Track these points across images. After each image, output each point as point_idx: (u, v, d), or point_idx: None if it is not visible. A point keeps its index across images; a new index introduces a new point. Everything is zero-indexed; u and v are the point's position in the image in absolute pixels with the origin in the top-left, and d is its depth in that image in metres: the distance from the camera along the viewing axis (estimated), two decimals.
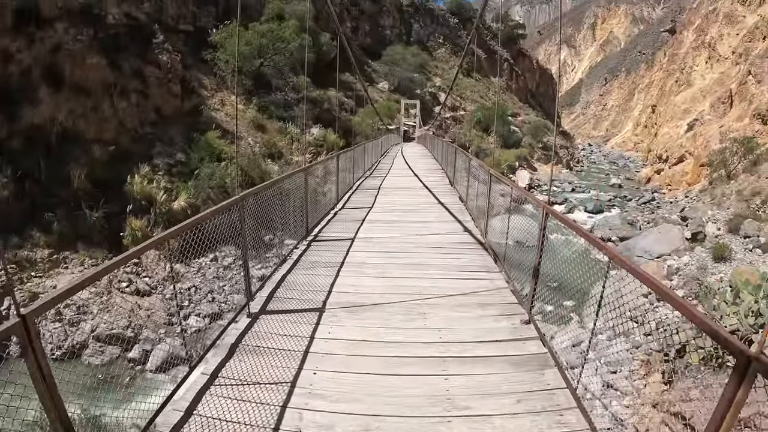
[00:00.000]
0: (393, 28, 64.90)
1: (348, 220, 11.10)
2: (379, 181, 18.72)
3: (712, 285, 14.81)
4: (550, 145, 58.19)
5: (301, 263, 7.81)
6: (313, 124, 31.10)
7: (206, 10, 33.30)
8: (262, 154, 24.56)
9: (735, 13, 59.95)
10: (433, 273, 7.35)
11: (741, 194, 27.65)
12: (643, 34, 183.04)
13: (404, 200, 14.39)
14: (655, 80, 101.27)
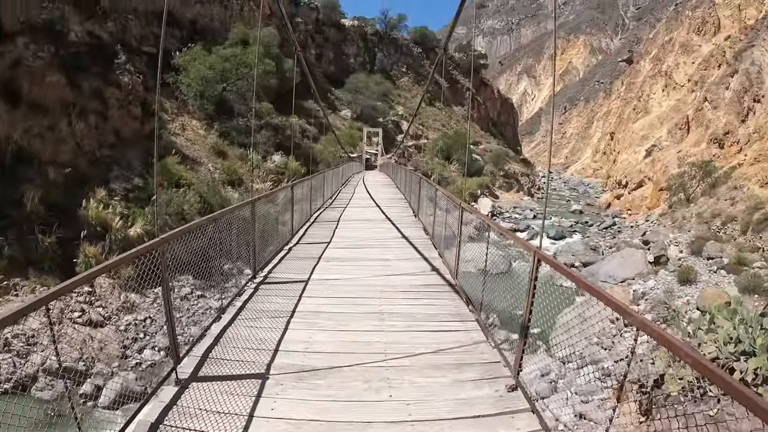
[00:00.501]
0: (357, 56, 65.12)
1: (303, 258, 10.08)
2: (338, 212, 17.70)
3: (679, 308, 14.47)
4: (511, 172, 58.53)
5: (245, 312, 6.75)
6: (274, 151, 30.33)
7: (170, 33, 32.69)
8: (222, 180, 23.65)
9: (691, 42, 61.83)
10: (399, 324, 6.43)
11: (701, 217, 27.84)
12: (602, 64, 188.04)
13: (365, 234, 13.47)
14: (613, 108, 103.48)
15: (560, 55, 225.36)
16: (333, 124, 44.87)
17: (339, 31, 62.74)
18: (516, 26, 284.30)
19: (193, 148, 24.79)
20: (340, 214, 16.96)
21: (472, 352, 5.59)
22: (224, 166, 25.02)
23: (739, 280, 16.39)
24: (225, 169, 24.69)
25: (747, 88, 38.65)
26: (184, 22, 35.10)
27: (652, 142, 55.82)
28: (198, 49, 29.71)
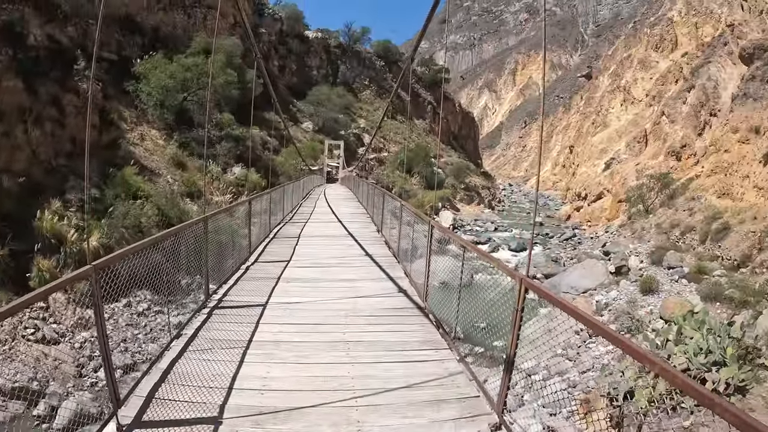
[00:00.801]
0: (320, 68, 64.68)
1: (261, 278, 9.38)
2: (299, 227, 17.06)
3: (643, 318, 14.44)
4: (472, 185, 58.75)
5: (197, 341, 6.06)
6: (234, 163, 29.64)
7: (132, 39, 31.82)
8: (180, 192, 22.90)
9: (649, 58, 63.41)
10: (366, 355, 5.86)
11: (660, 227, 28.22)
12: (561, 79, 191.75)
13: (327, 251, 12.84)
14: (573, 122, 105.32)
15: (521, 70, 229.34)
16: (294, 137, 44.33)
17: (302, 42, 62.24)
18: (478, 42, 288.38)
19: (151, 158, 24.03)
20: (301, 230, 16.38)
21: (448, 386, 5.10)
22: (183, 177, 24.31)
23: (701, 289, 16.47)
24: (184, 181, 23.97)
25: (703, 102, 39.58)
26: (147, 28, 34.19)
27: (611, 155, 56.79)
28: (159, 58, 28.95)
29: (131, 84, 27.25)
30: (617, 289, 18.76)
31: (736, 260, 19.01)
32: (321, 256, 12.23)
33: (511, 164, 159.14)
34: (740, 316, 12.11)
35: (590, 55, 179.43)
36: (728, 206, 24.22)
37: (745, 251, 18.98)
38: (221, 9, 42.17)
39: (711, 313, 9.46)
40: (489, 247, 34.06)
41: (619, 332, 14.02)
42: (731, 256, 19.63)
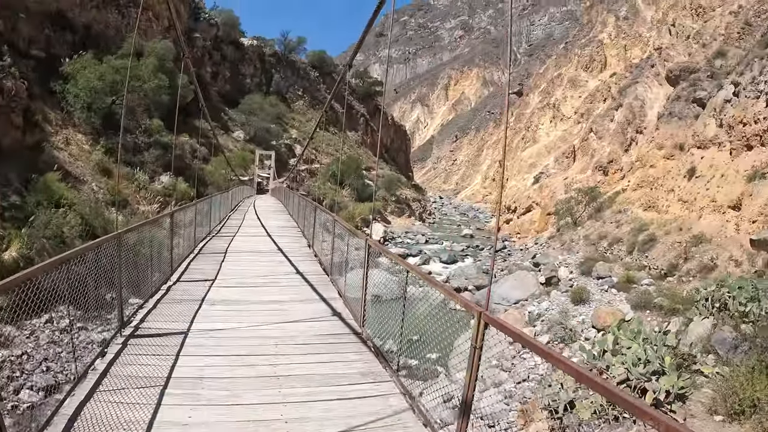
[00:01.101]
0: (253, 76, 63.26)
1: (183, 300, 8.55)
2: (226, 241, 16.17)
3: (575, 328, 14.49)
4: (403, 198, 58.83)
5: (108, 380, 5.16)
6: (163, 171, 28.29)
7: (62, 37, 29.77)
8: (105, 201, 21.51)
9: (578, 78, 65.71)
10: (300, 392, 5.21)
11: (588, 239, 28.84)
12: (493, 95, 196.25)
13: (255, 269, 12.07)
14: (503, 137, 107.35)
15: (453, 85, 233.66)
16: (225, 146, 43.08)
17: (237, 49, 60.70)
18: (413, 56, 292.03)
19: (76, 164, 22.38)
20: (228, 244, 15.49)
21: (395, 428, 4.53)
22: (109, 185, 22.94)
23: (631, 298, 16.73)
24: (109, 189, 22.61)
25: (630, 120, 41.06)
26: (78, 26, 32.11)
27: (540, 169, 58.16)
28: (89, 58, 27.32)
29: (58, 84, 25.62)
30: (549, 300, 18.90)
31: (662, 269, 19.47)
32: (249, 274, 11.46)
33: (441, 177, 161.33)
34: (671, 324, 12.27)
35: (522, 72, 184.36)
36: (654, 218, 24.96)
37: (671, 261, 19.48)
38: (156, 11, 40.83)
39: (644, 321, 9.46)
40: (420, 260, 34.07)
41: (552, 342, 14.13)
42: (658, 265, 20.11)
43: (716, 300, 9.60)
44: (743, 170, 20.04)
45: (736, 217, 18.94)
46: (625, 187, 34.11)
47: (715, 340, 8.34)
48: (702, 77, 32.25)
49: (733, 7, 40.20)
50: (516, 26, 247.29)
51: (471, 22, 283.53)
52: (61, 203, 17.63)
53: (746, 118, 21.28)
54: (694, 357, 7.98)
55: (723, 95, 24.82)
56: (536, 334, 15.05)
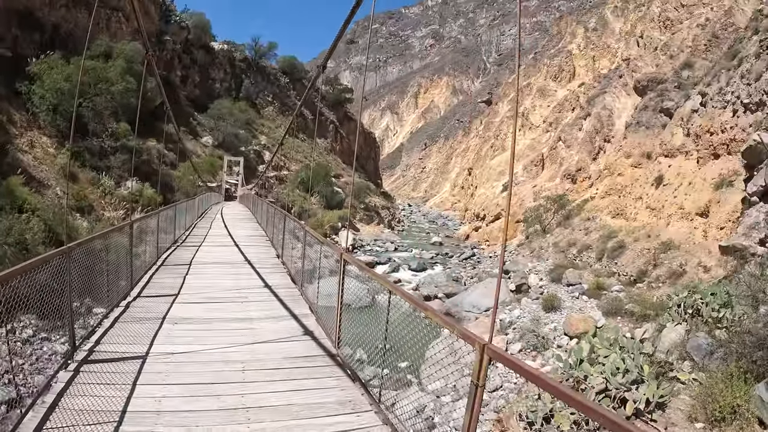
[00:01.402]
0: (223, 81, 62.36)
1: (143, 318, 7.85)
2: (191, 251, 15.32)
3: (547, 335, 14.39)
4: (372, 205, 58.63)
5: (56, 416, 4.53)
6: (129, 177, 27.58)
7: (30, 36, 28.95)
8: (70, 207, 20.77)
9: (547, 87, 66.59)
10: (272, 427, 4.73)
11: (557, 246, 28.98)
12: (462, 104, 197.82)
13: (222, 282, 11.34)
14: (472, 146, 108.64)
15: (423, 93, 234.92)
16: (194, 151, 42.37)
17: (207, 53, 59.67)
18: (383, 64, 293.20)
19: (40, 168, 21.63)
20: (194, 255, 14.72)
21: None
22: (74, 190, 22.19)
23: (602, 305, 16.77)
24: (74, 194, 21.86)
25: (598, 129, 41.53)
26: (47, 25, 31.18)
27: (509, 177, 58.45)
28: (57, 58, 26.39)
29: (24, 85, 24.80)
30: (520, 308, 18.80)
31: (632, 276, 19.59)
32: (214, 288, 10.73)
33: (410, 185, 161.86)
34: (641, 329, 12.21)
35: (491, 82, 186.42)
36: (622, 225, 25.16)
37: (640, 267, 19.60)
38: (126, 12, 40.01)
39: (618, 328, 9.36)
40: (389, 268, 33.95)
41: (524, 350, 13.98)
42: (627, 272, 20.24)
43: (689, 306, 9.53)
44: (710, 178, 20.30)
45: (703, 223, 19.14)
46: (593, 194, 34.43)
47: (690, 347, 8.24)
48: (669, 88, 32.79)
49: (701, 20, 41.06)
50: (486, 36, 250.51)
51: (441, 31, 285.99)
52: (24, 208, 17.06)
53: (713, 128, 21.59)
54: (671, 364, 7.85)
55: (690, 105, 25.17)
56: (509, 342, 14.87)
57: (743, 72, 20.60)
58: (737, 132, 19.86)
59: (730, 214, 17.43)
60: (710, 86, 23.89)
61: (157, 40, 47.44)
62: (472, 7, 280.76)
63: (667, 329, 9.56)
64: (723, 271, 15.13)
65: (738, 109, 20.25)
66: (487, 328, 12.19)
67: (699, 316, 9.11)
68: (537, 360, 13.51)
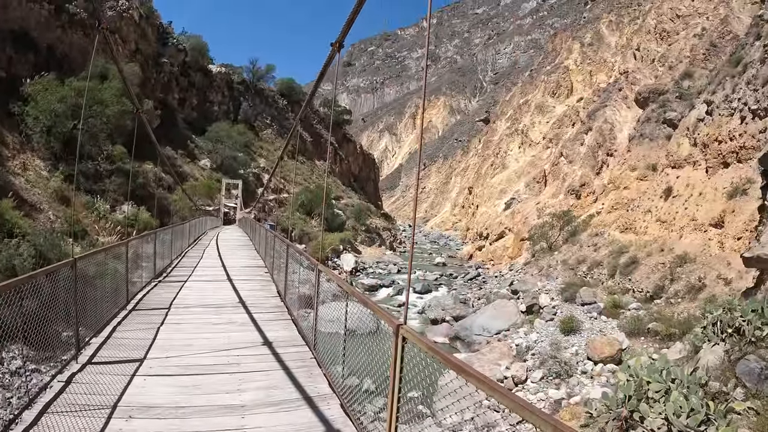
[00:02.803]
0: (221, 104, 62.29)
1: (84, 410, 5.31)
2: (174, 290, 12.67)
3: (570, 361, 13.52)
4: (373, 227, 58.10)
5: None
6: (125, 200, 26.99)
7: (24, 57, 28.70)
8: (63, 231, 20.08)
9: (546, 104, 66.54)
10: None
11: (566, 264, 28.29)
12: (460, 123, 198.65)
13: (205, 337, 8.54)
14: (471, 164, 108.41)
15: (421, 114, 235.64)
16: (191, 174, 41.84)
17: (205, 76, 59.65)
18: (380, 85, 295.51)
19: (33, 191, 21.09)
20: (176, 295, 12.13)
21: None
22: (67, 214, 21.56)
23: (623, 325, 15.87)
24: (67, 219, 21.23)
25: (600, 143, 41.07)
26: (41, 46, 31.06)
27: (511, 195, 58.00)
28: (51, 79, 26.10)
29: (17, 106, 24.41)
30: (537, 331, 17.86)
31: (648, 292, 18.83)
32: (196, 347, 7.92)
33: (410, 206, 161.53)
34: (672, 351, 11.45)
35: (488, 100, 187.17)
36: (632, 240, 24.45)
37: (656, 283, 18.85)
38: (123, 34, 39.79)
39: (666, 358, 8.51)
40: (393, 290, 33.37)
41: (547, 377, 13.16)
42: (642, 288, 19.48)
43: (726, 324, 8.75)
44: (722, 187, 19.67)
45: (718, 234, 18.45)
46: (599, 209, 33.80)
47: (740, 371, 7.46)
48: (671, 98, 32.39)
49: (697, 30, 40.88)
50: (482, 55, 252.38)
51: (437, 52, 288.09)
52: (15, 233, 16.42)
53: (721, 136, 21.04)
54: (727, 394, 7.07)
55: (695, 114, 24.67)
56: (529, 370, 14.01)
57: (749, 78, 20.13)
58: (747, 139, 19.27)
59: (746, 224, 16.75)
60: (715, 94, 23.39)
61: (154, 63, 47.26)
62: (467, 27, 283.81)
63: (704, 350, 8.79)
64: (745, 283, 14.41)
65: (746, 115, 19.69)
66: (503, 353, 11.31)
67: (740, 335, 8.34)
68: (561, 388, 12.62)
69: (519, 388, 13.12)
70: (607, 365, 13.15)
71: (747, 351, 7.87)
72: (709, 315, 9.29)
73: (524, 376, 13.45)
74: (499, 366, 14.81)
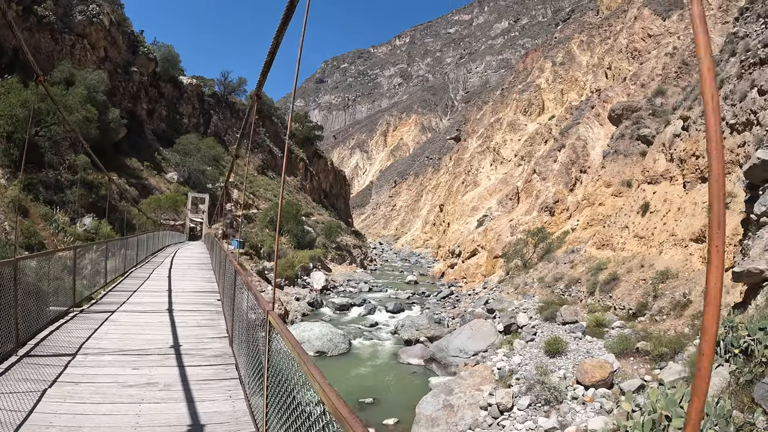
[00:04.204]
0: (191, 116, 61.11)
1: None
2: (92, 326, 9.71)
3: (559, 386, 12.68)
4: (343, 244, 57.27)
5: None
6: (86, 213, 25.72)
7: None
8: (18, 244, 18.74)
9: (517, 121, 66.93)
10: None
11: (543, 281, 27.93)
12: (431, 141, 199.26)
13: (110, 414, 5.59)
14: (442, 182, 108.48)
15: (392, 131, 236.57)
16: (157, 187, 40.56)
17: (176, 87, 58.36)
18: (352, 103, 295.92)
19: None
20: (92, 332, 9.23)
21: None
22: (24, 225, 20.27)
23: (610, 345, 15.02)
24: (24, 230, 19.95)
25: (574, 160, 41.03)
26: (7, 48, 30.24)
27: (483, 212, 57.81)
28: (14, 82, 25.02)
29: None
30: (519, 353, 16.89)
31: (631, 309, 18.29)
32: (104, 426, 5.32)
33: (381, 223, 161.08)
34: (664, 371, 10.79)
35: (459, 119, 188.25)
36: (610, 256, 24.04)
37: (639, 299, 18.34)
38: (92, 40, 38.63)
39: (683, 387, 7.75)
40: (365, 309, 32.48)
41: (535, 405, 12.29)
42: (624, 305, 18.96)
43: (729, 344, 8.09)
44: (701, 202, 19.40)
45: (699, 249, 18.05)
46: (574, 226, 33.54)
47: (758, 396, 6.76)
48: (644, 115, 32.48)
49: (668, 49, 41.32)
50: (454, 74, 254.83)
51: (410, 70, 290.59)
52: None
53: (698, 151, 20.92)
54: (753, 424, 6.34)
55: (671, 130, 24.56)
56: (514, 396, 13.07)
57: (726, 93, 19.97)
58: (725, 153, 19.05)
59: (730, 238, 16.32)
60: (692, 110, 23.31)
61: (123, 71, 46.01)
62: (440, 46, 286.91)
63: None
64: (732, 298, 13.89)
65: (723, 130, 19.49)
66: (484, 377, 10.08)
67: (746, 355, 7.67)
68: (552, 416, 11.72)
69: (505, 416, 12.22)
70: (599, 389, 12.35)
71: (757, 373, 7.20)
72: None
73: (510, 403, 12.54)
74: (481, 392, 13.93)
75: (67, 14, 37.23)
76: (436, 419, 12.86)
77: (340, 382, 19.21)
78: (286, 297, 32.06)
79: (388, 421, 14.45)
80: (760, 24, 20.50)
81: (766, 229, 13.26)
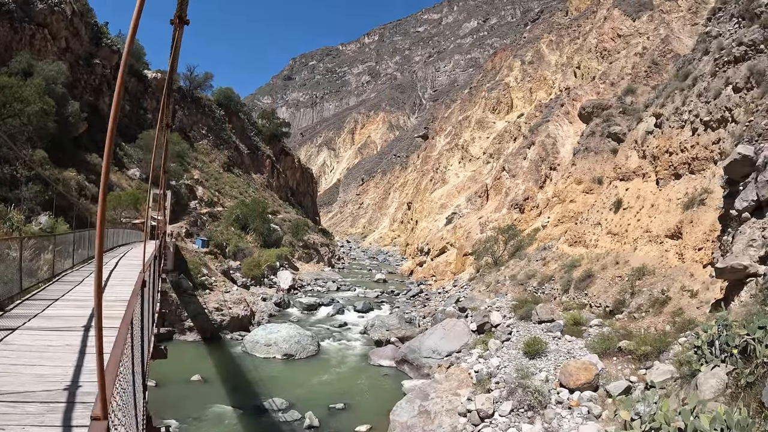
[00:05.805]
0: (156, 111, 58.98)
1: None
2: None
3: (542, 389, 12.12)
4: (311, 243, 56.54)
5: None
6: (42, 211, 24.43)
7: None
8: None
9: (486, 119, 67.05)
10: None
11: (515, 279, 27.81)
12: (399, 139, 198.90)
13: None
14: (410, 180, 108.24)
15: (360, 129, 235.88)
16: (118, 184, 39.19)
17: (140, 81, 56.40)
18: (320, 100, 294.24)
19: None
20: None
21: None
22: None
23: (592, 344, 14.48)
24: None
25: (543, 157, 41.05)
26: None
27: (452, 209, 57.63)
28: None
29: None
30: (497, 355, 16.19)
31: (608, 306, 18.01)
32: None
33: (348, 221, 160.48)
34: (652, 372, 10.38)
35: (427, 117, 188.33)
36: (583, 253, 23.85)
37: (616, 296, 18.09)
38: (53, 30, 37.03)
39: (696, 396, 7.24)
40: (333, 309, 32.20)
41: (518, 410, 11.68)
42: (601, 302, 18.69)
43: (725, 343, 7.66)
44: (676, 198, 19.23)
45: (676, 246, 17.84)
46: (544, 223, 33.43)
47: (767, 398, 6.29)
48: (614, 113, 32.52)
49: (638, 49, 41.65)
50: (422, 72, 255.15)
51: (378, 68, 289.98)
52: None
53: (672, 148, 20.81)
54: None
55: (644, 127, 24.52)
56: (495, 402, 12.35)
57: (700, 90, 19.91)
58: (699, 150, 18.94)
59: (707, 234, 16.12)
60: (665, 107, 23.22)
61: (85, 63, 44.25)
62: (408, 45, 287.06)
63: (703, 374, 7.64)
64: (712, 294, 13.67)
65: (698, 127, 19.41)
66: (459, 381, 9.33)
67: (745, 355, 7.25)
68: (536, 423, 11.08)
69: (486, 423, 11.63)
70: (584, 392, 11.80)
71: (760, 374, 6.77)
72: (703, 333, 8.21)
73: (491, 408, 11.89)
74: (459, 396, 13.31)
75: (28, 2, 35.59)
76: (411, 427, 12.28)
77: (310, 387, 18.55)
78: (252, 297, 31.22)
79: (360, 428, 13.87)
80: (734, 23, 20.49)
81: (748, 224, 13.01)
